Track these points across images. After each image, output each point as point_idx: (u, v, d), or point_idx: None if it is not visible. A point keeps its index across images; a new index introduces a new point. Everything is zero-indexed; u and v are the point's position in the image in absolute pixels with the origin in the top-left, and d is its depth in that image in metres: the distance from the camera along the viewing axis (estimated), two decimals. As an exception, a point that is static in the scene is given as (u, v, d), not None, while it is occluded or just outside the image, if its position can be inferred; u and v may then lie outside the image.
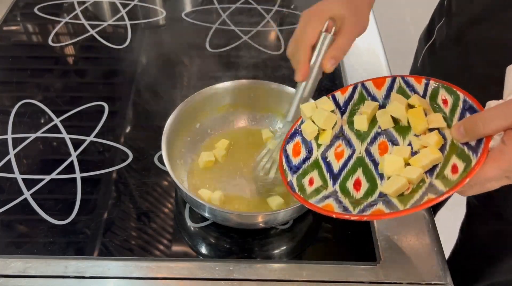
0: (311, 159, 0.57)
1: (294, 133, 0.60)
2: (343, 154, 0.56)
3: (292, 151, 0.58)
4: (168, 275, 0.58)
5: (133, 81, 0.85)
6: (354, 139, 0.57)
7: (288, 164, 0.57)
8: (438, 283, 0.58)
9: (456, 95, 0.51)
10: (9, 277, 0.57)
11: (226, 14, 1.01)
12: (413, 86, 0.55)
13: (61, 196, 0.66)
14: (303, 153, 0.58)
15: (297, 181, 0.55)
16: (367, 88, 0.58)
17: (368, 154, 0.55)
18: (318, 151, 0.58)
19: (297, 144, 0.58)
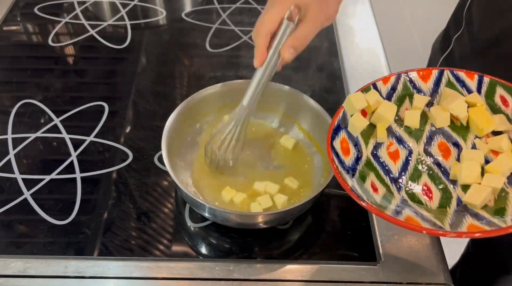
0: (362, 158, 0.51)
1: (337, 127, 0.52)
2: (398, 155, 0.51)
3: (341, 149, 0.51)
4: (168, 275, 0.58)
5: (133, 81, 0.85)
6: (406, 137, 0.52)
7: (342, 165, 0.49)
8: (438, 283, 0.58)
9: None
10: (9, 277, 0.57)
11: (226, 14, 1.01)
12: (464, 81, 0.51)
13: (61, 196, 0.66)
14: (353, 152, 0.51)
15: (360, 187, 0.49)
16: (412, 80, 0.53)
17: (429, 156, 0.50)
18: (367, 149, 0.51)
19: (344, 140, 0.51)
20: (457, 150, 0.50)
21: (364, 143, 0.51)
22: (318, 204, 0.66)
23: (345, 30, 0.97)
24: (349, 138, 0.52)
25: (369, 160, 0.50)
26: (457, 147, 0.50)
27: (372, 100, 0.52)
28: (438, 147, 0.50)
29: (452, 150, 0.50)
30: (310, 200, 0.57)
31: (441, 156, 0.50)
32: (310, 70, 0.88)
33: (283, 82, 0.71)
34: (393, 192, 0.48)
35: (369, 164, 0.50)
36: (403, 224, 0.44)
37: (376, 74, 0.87)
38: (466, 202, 0.46)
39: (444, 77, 0.52)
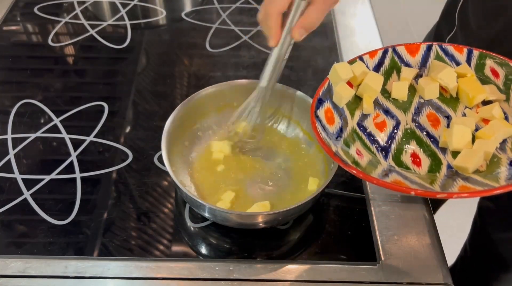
0: (348, 128, 0.51)
1: (321, 98, 0.53)
2: (385, 125, 0.51)
3: (325, 118, 0.51)
4: (168, 275, 0.58)
5: (133, 81, 0.85)
6: (393, 109, 0.51)
7: (325, 132, 0.50)
8: (438, 283, 0.57)
9: (509, 67, 0.47)
10: (9, 277, 0.57)
11: (226, 14, 1.01)
12: (453, 55, 0.51)
13: (61, 196, 0.66)
14: (337, 121, 0.51)
15: (344, 152, 0.48)
16: (399, 54, 0.53)
17: (418, 126, 0.50)
18: (352, 120, 0.51)
19: (328, 110, 0.51)
20: (446, 120, 0.49)
21: (350, 114, 0.51)
22: (318, 204, 0.66)
23: (345, 30, 0.97)
24: (334, 109, 0.52)
25: (355, 130, 0.50)
26: (447, 118, 0.50)
27: (358, 71, 0.52)
28: (427, 117, 0.50)
29: (442, 120, 0.50)
30: (310, 200, 0.57)
31: (430, 125, 0.49)
32: (310, 70, 0.88)
33: (283, 82, 0.71)
34: (379, 159, 0.48)
35: (354, 133, 0.50)
36: (391, 186, 0.43)
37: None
38: (456, 166, 0.45)
39: (433, 51, 0.52)
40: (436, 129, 0.49)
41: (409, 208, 0.66)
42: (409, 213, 0.65)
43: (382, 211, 0.65)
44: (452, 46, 0.51)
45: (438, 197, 0.41)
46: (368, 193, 0.67)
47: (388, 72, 0.53)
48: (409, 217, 0.65)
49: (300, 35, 0.57)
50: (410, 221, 0.64)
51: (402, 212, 0.65)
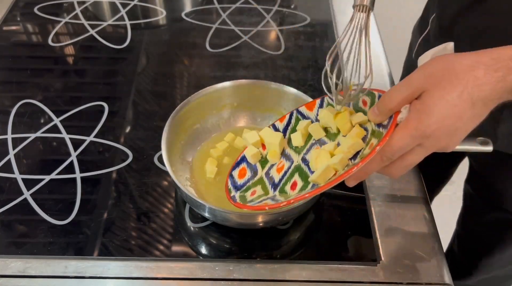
0: (255, 178, 0.62)
1: (240, 160, 0.64)
2: (283, 167, 0.61)
3: (238, 175, 0.63)
4: (168, 275, 0.58)
5: (133, 81, 0.85)
6: (292, 153, 0.62)
7: (234, 184, 0.61)
8: (438, 283, 0.58)
9: (372, 94, 0.56)
10: (9, 277, 0.57)
11: (226, 14, 1.01)
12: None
13: (61, 196, 0.66)
14: (248, 175, 0.62)
15: (240, 196, 0.59)
16: (301, 112, 0.64)
17: (303, 161, 0.60)
18: (262, 171, 0.62)
19: (243, 169, 0.63)
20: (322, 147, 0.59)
21: (261, 167, 0.63)
22: (318, 204, 0.66)
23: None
24: (248, 167, 0.63)
25: (261, 178, 0.61)
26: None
27: (263, 134, 0.64)
28: (313, 153, 0.59)
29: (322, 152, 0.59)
30: (310, 200, 0.57)
31: (313, 159, 0.58)
32: (310, 70, 0.88)
33: (283, 82, 0.71)
34: (269, 193, 0.58)
35: (259, 180, 0.61)
36: (250, 207, 0.54)
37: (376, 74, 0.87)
38: (312, 181, 0.55)
39: (324, 102, 0.62)
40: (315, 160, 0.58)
41: (409, 208, 0.66)
42: (409, 213, 0.65)
43: (382, 211, 0.65)
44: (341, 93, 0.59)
45: (282, 206, 0.51)
46: (368, 193, 0.67)
47: (295, 128, 0.63)
48: (409, 217, 0.65)
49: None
50: (410, 221, 0.64)
51: (402, 212, 0.65)
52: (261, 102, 0.73)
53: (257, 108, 0.74)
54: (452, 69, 0.47)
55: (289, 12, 1.03)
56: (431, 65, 0.49)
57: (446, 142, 0.49)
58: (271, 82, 0.71)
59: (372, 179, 0.69)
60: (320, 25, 1.00)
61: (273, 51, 0.92)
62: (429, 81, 0.48)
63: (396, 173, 0.52)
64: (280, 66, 0.89)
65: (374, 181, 0.69)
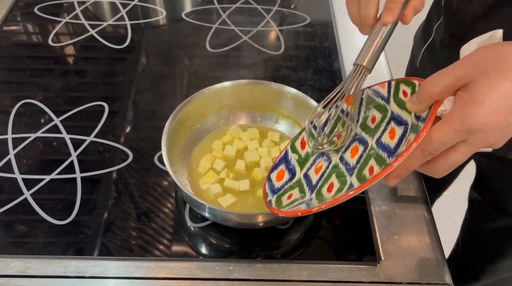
0: (293, 180, 0.59)
1: (278, 162, 0.63)
2: (321, 168, 0.58)
3: (276, 177, 0.61)
4: (168, 275, 0.58)
5: (133, 81, 0.85)
6: (331, 153, 0.59)
7: (271, 187, 0.60)
8: (438, 283, 0.58)
9: (413, 84, 0.52)
10: (9, 277, 0.57)
11: (226, 14, 1.01)
12: (379, 92, 0.57)
13: (61, 196, 0.66)
14: (286, 177, 0.60)
15: (277, 200, 0.57)
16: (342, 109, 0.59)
17: (341, 160, 0.56)
18: (301, 172, 0.60)
19: (281, 171, 0.62)
20: (363, 147, 0.55)
21: (299, 168, 0.60)
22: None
23: (345, 30, 0.97)
24: (286, 168, 0.62)
25: (300, 179, 0.59)
26: (364, 144, 0.56)
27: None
28: (351, 151, 0.56)
29: (360, 149, 0.55)
30: (310, 200, 0.57)
31: (350, 157, 0.56)
32: (310, 70, 0.88)
33: (283, 82, 0.71)
34: (306, 196, 0.56)
35: (297, 182, 0.59)
36: (282, 212, 0.53)
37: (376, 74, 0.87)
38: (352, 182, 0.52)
39: (365, 95, 0.59)
40: (352, 158, 0.55)
41: (409, 208, 0.66)
42: (409, 213, 0.65)
43: (382, 211, 0.65)
44: (378, 85, 0.57)
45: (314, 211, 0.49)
46: (368, 193, 0.67)
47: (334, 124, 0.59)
48: (409, 217, 0.65)
49: (411, 17, 0.55)
50: (410, 221, 0.64)
51: (402, 212, 0.65)
52: (261, 102, 0.73)
53: (257, 108, 0.74)
54: (503, 58, 0.42)
55: (289, 12, 1.03)
56: (479, 53, 0.44)
57: (495, 138, 0.44)
58: (271, 82, 0.71)
59: (372, 179, 0.69)
60: (320, 25, 1.00)
61: (273, 51, 0.92)
62: (477, 69, 0.42)
63: (439, 171, 0.47)
64: (280, 66, 0.89)
65: (374, 181, 0.69)
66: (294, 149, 0.63)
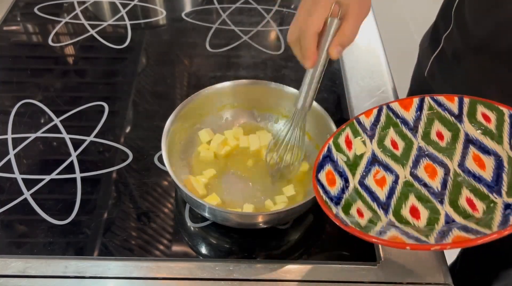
0: (349, 188, 0.53)
1: (323, 160, 0.55)
2: (385, 181, 0.52)
3: (327, 180, 0.53)
4: (168, 275, 0.58)
5: (133, 81, 0.85)
6: (392, 163, 0.53)
7: (327, 194, 0.52)
8: (438, 283, 0.58)
9: (498, 110, 0.49)
10: (9, 277, 0.57)
11: (226, 14, 1.01)
12: (445, 105, 0.52)
13: (61, 196, 0.66)
14: (339, 182, 0.53)
15: (344, 213, 0.50)
16: (393, 110, 0.55)
17: (416, 179, 0.51)
18: (354, 179, 0.53)
19: (329, 172, 0.54)
20: (443, 169, 0.51)
21: (350, 173, 0.53)
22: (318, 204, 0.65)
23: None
24: (334, 170, 0.54)
25: (357, 188, 0.52)
26: (443, 166, 0.51)
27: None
28: (424, 169, 0.52)
29: (439, 170, 0.51)
30: (310, 200, 0.57)
31: (428, 177, 0.51)
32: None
33: (283, 82, 0.71)
34: (380, 216, 0.50)
35: (356, 192, 0.52)
36: (386, 242, 0.45)
37: (376, 74, 0.87)
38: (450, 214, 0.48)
39: (426, 103, 0.53)
40: (433, 180, 0.50)
41: (409, 208, 0.66)
42: (409, 213, 0.65)
43: (382, 211, 0.65)
44: (443, 96, 0.52)
45: (432, 249, 0.44)
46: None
47: (386, 128, 0.55)
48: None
49: (337, 53, 0.56)
50: (410, 221, 0.64)
51: (402, 212, 0.65)
52: (261, 102, 0.73)
53: (257, 108, 0.74)
54: None
55: (289, 12, 1.03)
56: None
57: None
58: (271, 82, 0.71)
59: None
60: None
61: (273, 51, 0.93)
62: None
63: None
64: (280, 66, 0.89)
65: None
66: (339, 148, 0.56)
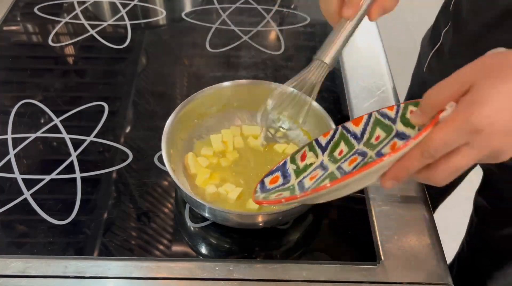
0: (286, 185, 0.59)
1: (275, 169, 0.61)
2: (317, 176, 0.58)
3: (270, 181, 0.60)
4: (168, 275, 0.58)
5: (133, 81, 0.85)
6: (330, 164, 0.59)
7: (262, 188, 0.59)
8: (438, 283, 0.58)
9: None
10: (9, 277, 0.57)
11: (226, 14, 1.01)
12: (386, 113, 0.57)
13: (61, 196, 0.66)
14: (279, 182, 0.60)
15: (264, 196, 0.57)
16: (347, 128, 0.61)
17: (338, 169, 0.57)
18: (296, 180, 0.59)
19: (276, 177, 0.61)
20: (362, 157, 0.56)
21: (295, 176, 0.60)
22: (318, 204, 0.66)
23: (345, 30, 0.97)
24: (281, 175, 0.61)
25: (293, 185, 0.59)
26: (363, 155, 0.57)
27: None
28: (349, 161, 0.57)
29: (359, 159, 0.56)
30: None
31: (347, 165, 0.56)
32: (310, 70, 0.88)
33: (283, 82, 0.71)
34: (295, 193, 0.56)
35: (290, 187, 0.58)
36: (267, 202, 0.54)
37: (376, 74, 0.87)
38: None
39: (372, 117, 0.59)
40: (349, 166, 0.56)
41: (409, 208, 0.66)
42: (409, 213, 0.65)
43: (382, 211, 0.65)
44: (387, 108, 0.57)
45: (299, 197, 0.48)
46: (368, 193, 0.67)
47: (338, 143, 0.61)
48: (409, 217, 0.65)
49: (378, 14, 0.55)
50: (410, 221, 0.64)
51: (402, 212, 0.65)
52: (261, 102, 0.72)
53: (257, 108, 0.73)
54: (506, 61, 0.41)
55: (289, 12, 1.03)
56: (483, 59, 0.42)
57: (500, 142, 0.41)
58: (271, 82, 0.71)
59: (372, 179, 0.69)
60: (320, 25, 1.00)
61: (273, 51, 0.93)
62: (480, 73, 0.41)
63: (440, 178, 0.44)
64: (280, 66, 0.89)
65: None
66: (293, 161, 0.62)
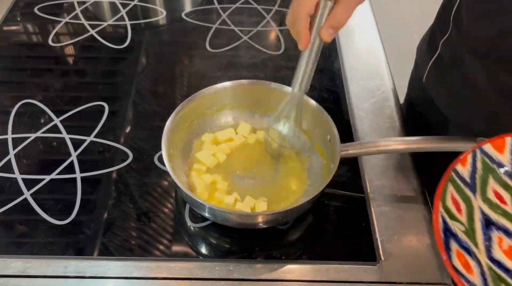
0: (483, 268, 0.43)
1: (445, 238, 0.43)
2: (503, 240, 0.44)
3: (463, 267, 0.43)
4: (168, 275, 0.58)
5: (133, 81, 0.85)
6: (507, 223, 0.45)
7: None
8: (438, 283, 0.58)
9: None
10: (9, 277, 0.57)
11: (226, 14, 1.01)
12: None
13: (61, 196, 0.66)
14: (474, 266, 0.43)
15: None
16: (487, 154, 0.46)
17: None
18: (480, 253, 0.44)
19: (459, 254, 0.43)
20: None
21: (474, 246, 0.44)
22: (318, 204, 0.66)
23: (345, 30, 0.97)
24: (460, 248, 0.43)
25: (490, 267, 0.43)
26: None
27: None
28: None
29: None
30: (310, 200, 0.57)
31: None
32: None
33: (283, 82, 0.71)
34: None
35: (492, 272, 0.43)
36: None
37: (376, 74, 0.87)
38: None
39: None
40: None
41: (409, 208, 0.66)
42: (409, 213, 0.65)
43: (382, 211, 0.65)
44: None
45: None
46: (368, 193, 0.67)
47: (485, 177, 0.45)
48: (409, 217, 0.65)
49: (329, 35, 0.56)
50: (410, 221, 0.64)
51: (402, 212, 0.65)
52: (261, 102, 0.73)
53: (257, 108, 0.74)
54: None
55: (289, 12, 1.03)
56: None
57: None
58: (271, 82, 0.71)
59: (372, 179, 0.69)
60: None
61: (273, 51, 0.93)
62: None
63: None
64: (280, 66, 0.89)
65: (374, 181, 0.69)
66: (450, 214, 0.45)
